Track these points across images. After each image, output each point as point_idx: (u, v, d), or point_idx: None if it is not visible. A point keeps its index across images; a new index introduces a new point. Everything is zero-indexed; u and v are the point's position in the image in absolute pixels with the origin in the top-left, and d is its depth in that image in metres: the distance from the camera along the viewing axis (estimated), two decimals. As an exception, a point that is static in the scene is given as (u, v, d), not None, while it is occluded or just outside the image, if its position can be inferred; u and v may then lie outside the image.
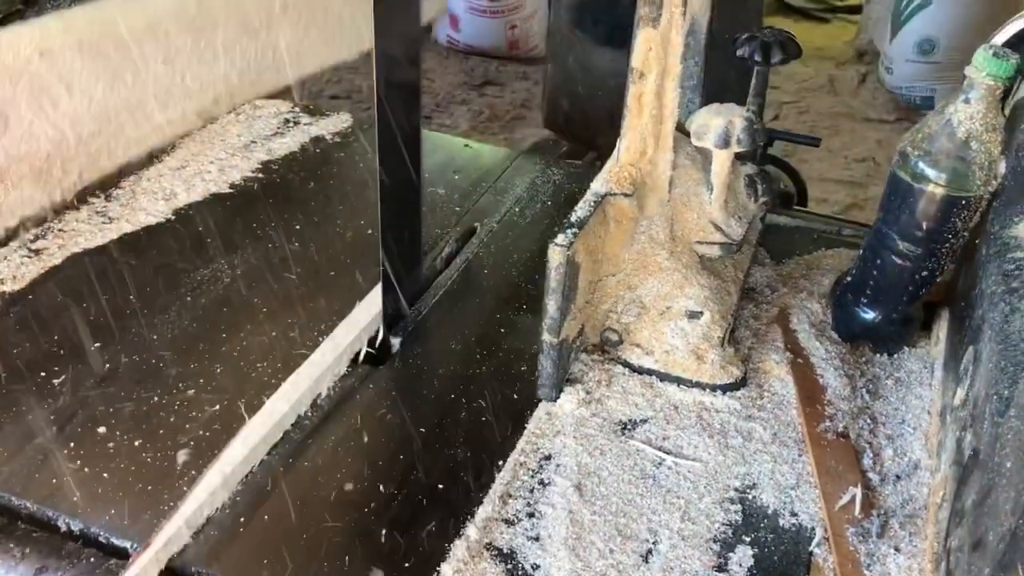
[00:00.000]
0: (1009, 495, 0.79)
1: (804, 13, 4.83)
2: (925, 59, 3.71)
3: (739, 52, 1.36)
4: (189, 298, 1.36)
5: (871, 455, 1.15)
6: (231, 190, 1.64)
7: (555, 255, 1.10)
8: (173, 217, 1.54)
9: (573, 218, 1.15)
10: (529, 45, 4.25)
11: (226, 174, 1.67)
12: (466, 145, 1.87)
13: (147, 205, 1.56)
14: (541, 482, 1.09)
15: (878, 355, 1.30)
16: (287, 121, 1.87)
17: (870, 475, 1.12)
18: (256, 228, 1.54)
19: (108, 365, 1.23)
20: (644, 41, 1.16)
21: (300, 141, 1.81)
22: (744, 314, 1.35)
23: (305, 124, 1.87)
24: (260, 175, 1.69)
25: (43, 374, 1.21)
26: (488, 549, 1.00)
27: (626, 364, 1.25)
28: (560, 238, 1.11)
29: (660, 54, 1.17)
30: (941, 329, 1.30)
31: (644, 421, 1.18)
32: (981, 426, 0.93)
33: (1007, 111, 1.22)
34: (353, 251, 1.49)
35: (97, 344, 1.27)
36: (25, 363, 1.23)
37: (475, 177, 1.73)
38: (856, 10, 4.63)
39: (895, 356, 1.30)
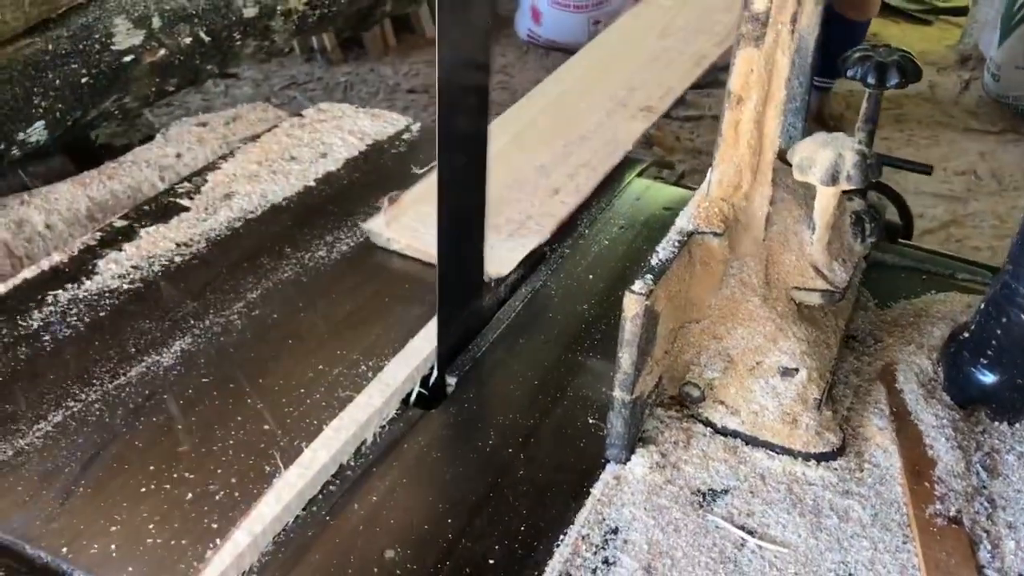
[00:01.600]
0: None
1: (904, 13, 4.57)
2: (1037, 66, 3.46)
3: (850, 73, 1.21)
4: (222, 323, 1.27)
5: (988, 547, 0.99)
6: (287, 201, 1.54)
7: (631, 305, 0.97)
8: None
9: (654, 260, 1.02)
10: (612, 42, 4.09)
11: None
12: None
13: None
14: (605, 560, 0.96)
15: (997, 424, 1.14)
16: (351, 126, 1.77)
17: (988, 572, 0.96)
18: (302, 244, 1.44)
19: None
20: (745, 62, 1.02)
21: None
22: (843, 368, 1.20)
23: (370, 130, 1.76)
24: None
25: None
26: (542, 642, 0.88)
27: (708, 423, 1.11)
28: (638, 285, 0.98)
29: (763, 77, 1.03)
30: (1073, 397, 1.14)
31: (726, 492, 1.04)
32: None
33: None
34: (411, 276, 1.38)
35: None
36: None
37: (547, 194, 1.60)
38: (961, 11, 4.36)
39: (1018, 426, 1.14)
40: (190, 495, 1.02)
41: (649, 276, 0.99)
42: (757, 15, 1.00)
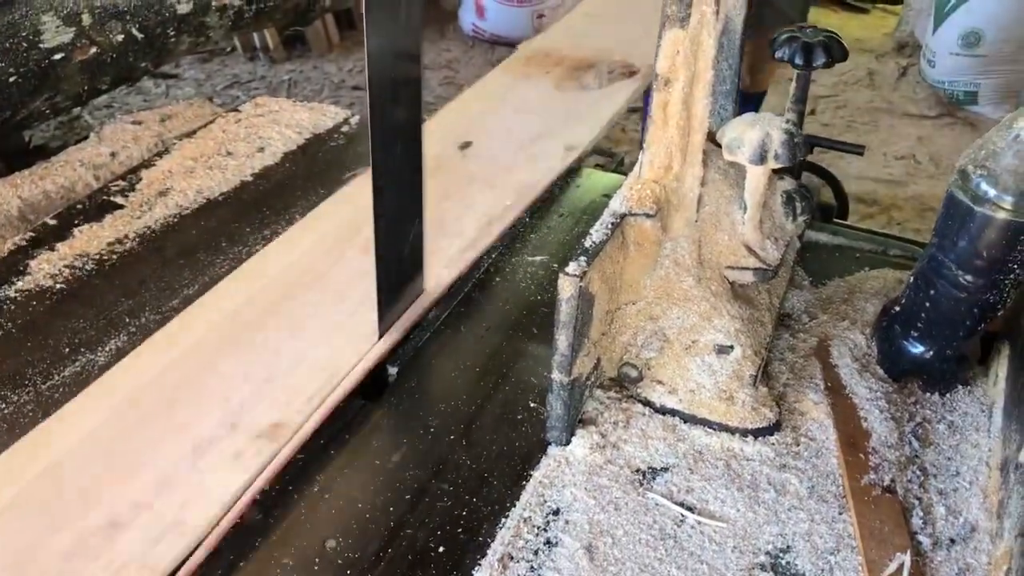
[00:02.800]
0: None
1: (842, 2, 4.65)
2: (970, 52, 3.53)
3: (778, 54, 1.22)
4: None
5: (921, 514, 1.01)
6: (225, 196, 1.52)
7: (566, 286, 0.98)
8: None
9: (587, 243, 1.03)
10: (555, 35, 4.10)
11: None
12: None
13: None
14: (547, 542, 0.96)
15: (929, 395, 1.17)
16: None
17: (920, 538, 0.98)
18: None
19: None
20: (671, 44, 1.03)
21: (302, 142, 1.69)
22: (779, 345, 1.22)
23: (308, 124, 1.75)
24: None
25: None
26: (484, 624, 0.88)
27: (646, 403, 1.12)
28: (572, 267, 0.98)
29: (689, 58, 1.04)
30: (1001, 366, 1.16)
31: (665, 469, 1.05)
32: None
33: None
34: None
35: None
36: None
37: (488, 183, 1.60)
38: (897, 0, 4.44)
39: (948, 396, 1.16)
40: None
41: (583, 258, 1.00)
42: (682, -4, 1.01)
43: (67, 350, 1.20)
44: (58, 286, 1.31)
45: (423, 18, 1.12)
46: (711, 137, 1.12)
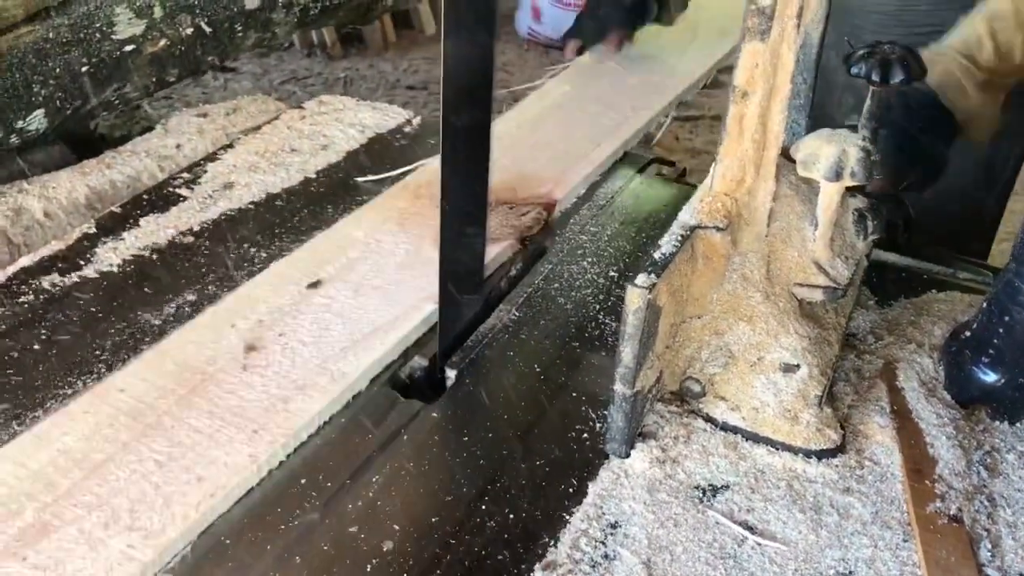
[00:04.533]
0: None
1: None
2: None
3: (854, 70, 1.20)
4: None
5: (989, 546, 0.99)
6: (287, 193, 1.53)
7: (634, 298, 0.96)
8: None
9: (657, 255, 1.02)
10: (612, 41, 4.08)
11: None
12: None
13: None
14: (606, 555, 0.95)
15: (998, 423, 1.14)
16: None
17: (988, 571, 0.96)
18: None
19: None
20: (750, 56, 1.02)
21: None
22: (844, 366, 1.20)
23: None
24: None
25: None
26: (540, 636, 0.87)
27: (708, 419, 1.11)
28: (641, 278, 0.97)
29: (768, 71, 1.02)
30: (1075, 397, 1.13)
31: (726, 487, 1.03)
32: None
33: None
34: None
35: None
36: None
37: (548, 189, 1.59)
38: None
39: (1018, 426, 1.14)
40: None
41: (652, 270, 0.99)
42: (763, 9, 1.00)
43: (130, 340, 1.22)
44: (123, 275, 1.33)
45: (498, 20, 1.12)
46: (784, 152, 1.11)
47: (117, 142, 1.75)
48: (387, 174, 1.58)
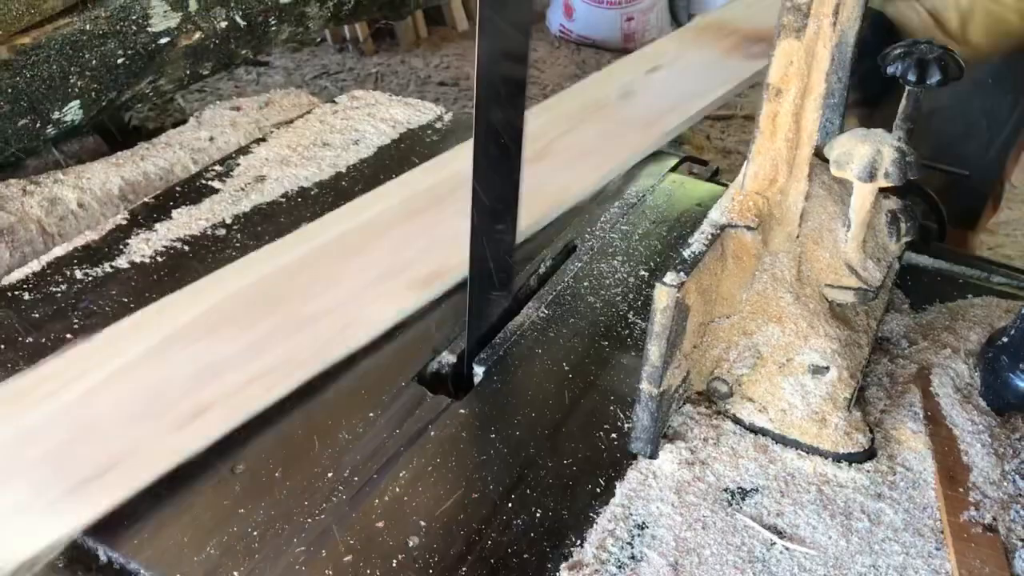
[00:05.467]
0: None
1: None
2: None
3: (890, 69, 1.18)
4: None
5: None
6: (318, 187, 1.54)
7: (662, 296, 0.96)
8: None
9: (686, 253, 1.01)
10: (646, 39, 4.07)
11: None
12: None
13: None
14: (632, 556, 0.95)
15: (1034, 431, 1.12)
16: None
17: (1021, 581, 0.94)
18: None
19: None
20: (785, 54, 1.00)
21: (395, 136, 1.70)
22: (876, 370, 1.18)
23: (402, 118, 1.76)
24: (350, 172, 1.59)
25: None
26: (564, 635, 0.87)
27: (735, 420, 1.10)
28: (669, 277, 0.96)
29: (802, 69, 1.01)
30: (1113, 406, 1.11)
31: (755, 491, 1.02)
32: None
33: None
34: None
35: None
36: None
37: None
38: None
39: (1055, 434, 1.12)
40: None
41: (681, 268, 0.98)
42: (799, 6, 0.99)
43: (162, 330, 1.22)
44: (155, 265, 1.34)
45: (533, 16, 1.11)
46: (817, 151, 1.09)
47: (151, 134, 1.76)
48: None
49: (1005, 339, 1.13)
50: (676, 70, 1.77)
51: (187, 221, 1.43)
